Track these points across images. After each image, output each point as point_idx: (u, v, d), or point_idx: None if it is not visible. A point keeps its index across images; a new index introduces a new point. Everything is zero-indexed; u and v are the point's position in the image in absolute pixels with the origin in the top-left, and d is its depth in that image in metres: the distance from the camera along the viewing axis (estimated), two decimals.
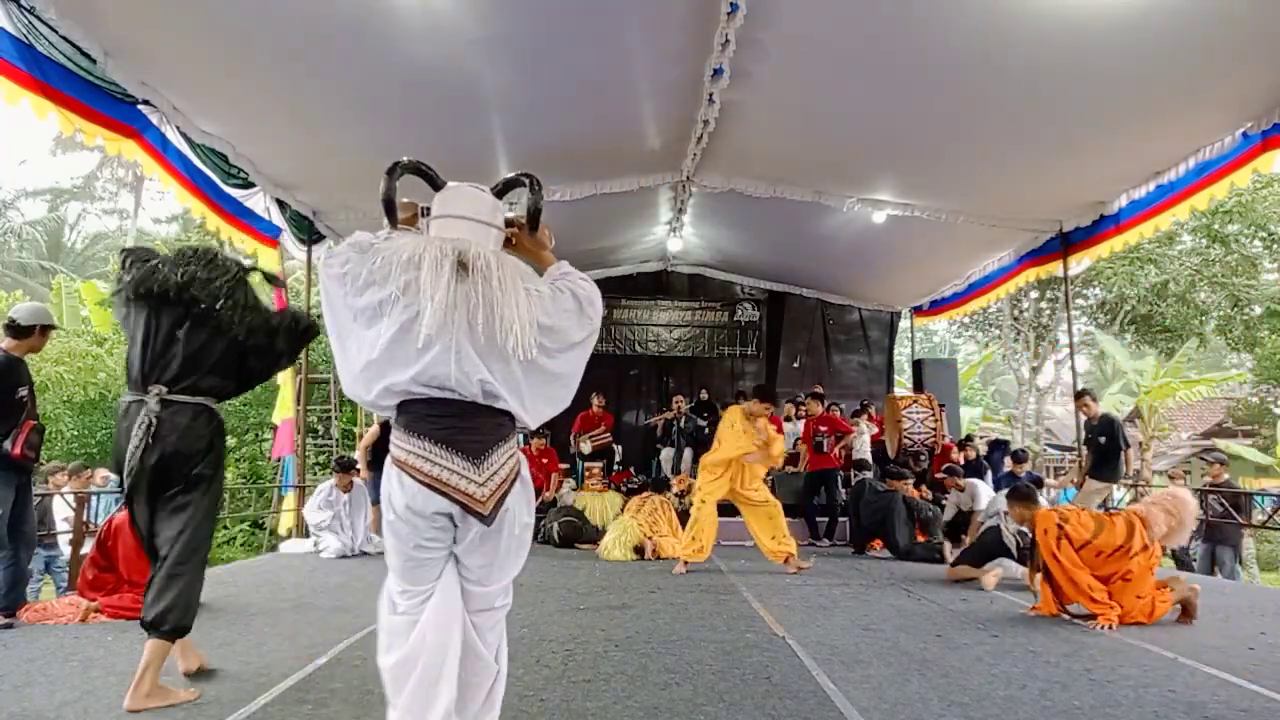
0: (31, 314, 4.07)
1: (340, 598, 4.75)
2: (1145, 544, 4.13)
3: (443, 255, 1.82)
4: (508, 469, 1.91)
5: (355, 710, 2.59)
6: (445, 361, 1.81)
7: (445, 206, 2.00)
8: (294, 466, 8.40)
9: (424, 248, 1.83)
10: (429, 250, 1.82)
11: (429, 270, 1.79)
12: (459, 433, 1.85)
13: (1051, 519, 4.30)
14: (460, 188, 2.03)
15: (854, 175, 7.62)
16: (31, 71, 4.34)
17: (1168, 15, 4.54)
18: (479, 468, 1.85)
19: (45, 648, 3.43)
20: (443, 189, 2.04)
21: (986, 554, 5.47)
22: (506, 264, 1.89)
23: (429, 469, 1.84)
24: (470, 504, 1.85)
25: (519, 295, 1.84)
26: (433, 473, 1.84)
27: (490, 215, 2.02)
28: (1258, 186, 14.71)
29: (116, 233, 29.29)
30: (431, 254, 1.82)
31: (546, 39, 5.30)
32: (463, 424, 1.86)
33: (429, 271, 1.79)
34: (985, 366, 24.01)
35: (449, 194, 2.02)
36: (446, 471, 1.84)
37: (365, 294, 1.83)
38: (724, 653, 3.42)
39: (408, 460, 1.86)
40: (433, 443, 1.84)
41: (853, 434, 9.04)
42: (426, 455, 1.84)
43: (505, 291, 1.82)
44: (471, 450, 1.85)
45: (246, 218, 7.03)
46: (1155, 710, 2.70)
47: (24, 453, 3.89)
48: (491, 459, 1.87)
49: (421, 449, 1.85)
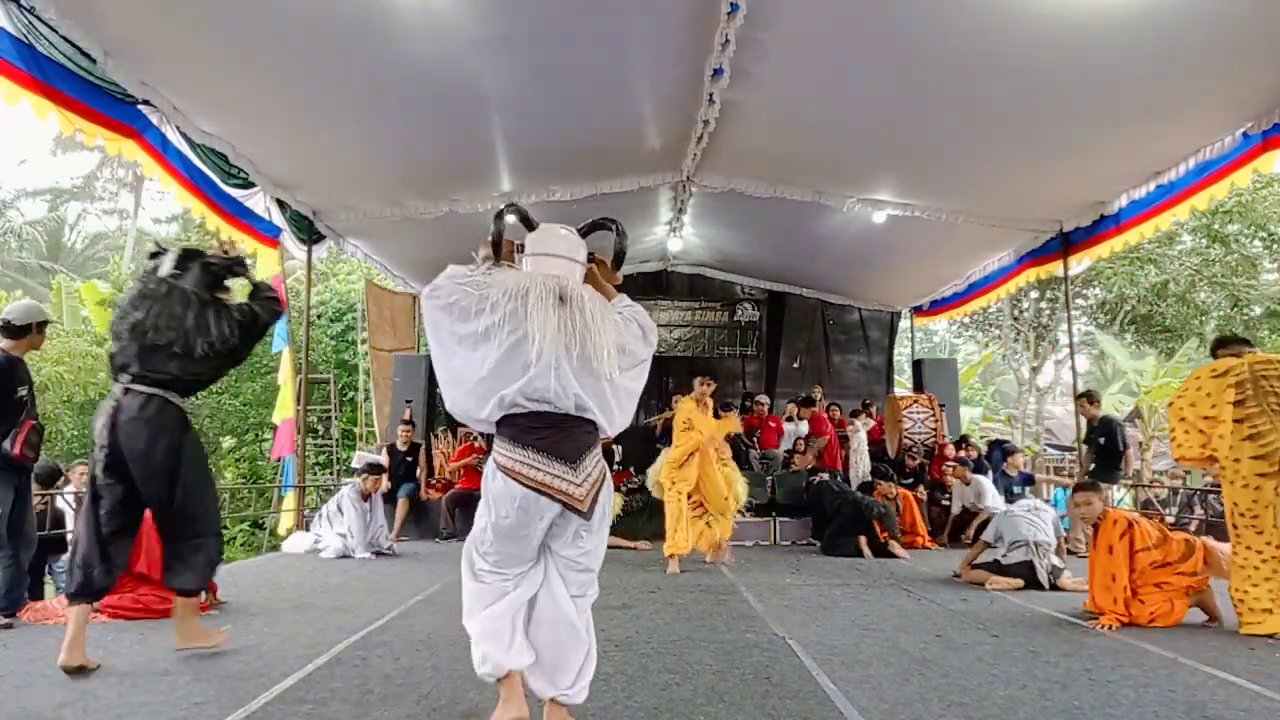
0: (25, 312, 4.06)
1: (340, 598, 4.74)
2: (1196, 571, 4.15)
3: (547, 290, 2.17)
4: (599, 470, 2.27)
5: (355, 710, 2.59)
6: (546, 377, 2.15)
7: (541, 245, 2.35)
8: (294, 466, 8.40)
9: (529, 283, 2.19)
10: (534, 285, 2.18)
11: (535, 302, 2.14)
12: (558, 442, 2.19)
13: (1125, 515, 4.34)
14: (553, 229, 2.39)
15: (854, 175, 7.61)
16: (31, 71, 4.34)
17: (1168, 15, 4.54)
18: (576, 470, 2.20)
19: (45, 648, 3.42)
20: (537, 229, 2.39)
21: (1015, 576, 5.31)
22: (596, 297, 2.26)
23: (535, 475, 2.17)
24: (571, 503, 2.19)
25: (608, 324, 2.21)
26: (538, 478, 2.17)
27: (578, 253, 2.38)
28: (1258, 186, 14.70)
29: (116, 233, 29.31)
30: (537, 289, 2.17)
31: (546, 39, 5.29)
32: (560, 434, 2.20)
33: (535, 303, 2.14)
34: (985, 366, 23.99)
35: (544, 234, 2.37)
36: (550, 476, 2.17)
37: (472, 321, 2.16)
38: (724, 653, 3.42)
39: (514, 468, 2.18)
40: (536, 452, 2.18)
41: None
42: (531, 463, 2.17)
43: (597, 321, 2.18)
44: (570, 456, 2.19)
45: (246, 218, 7.03)
46: (1155, 710, 2.70)
47: (23, 453, 3.89)
48: (585, 462, 2.22)
49: (527, 458, 2.18)
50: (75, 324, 14.92)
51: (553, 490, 2.16)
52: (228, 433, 14.93)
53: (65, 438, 13.25)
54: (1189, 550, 4.16)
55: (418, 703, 2.66)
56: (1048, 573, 5.24)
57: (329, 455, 13.87)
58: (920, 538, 7.91)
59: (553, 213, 8.06)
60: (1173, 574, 4.15)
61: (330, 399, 13.86)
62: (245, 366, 14.53)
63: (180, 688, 2.83)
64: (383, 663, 3.19)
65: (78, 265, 25.30)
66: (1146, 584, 4.17)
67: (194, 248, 3.52)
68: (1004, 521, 5.59)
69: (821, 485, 7.74)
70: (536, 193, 7.79)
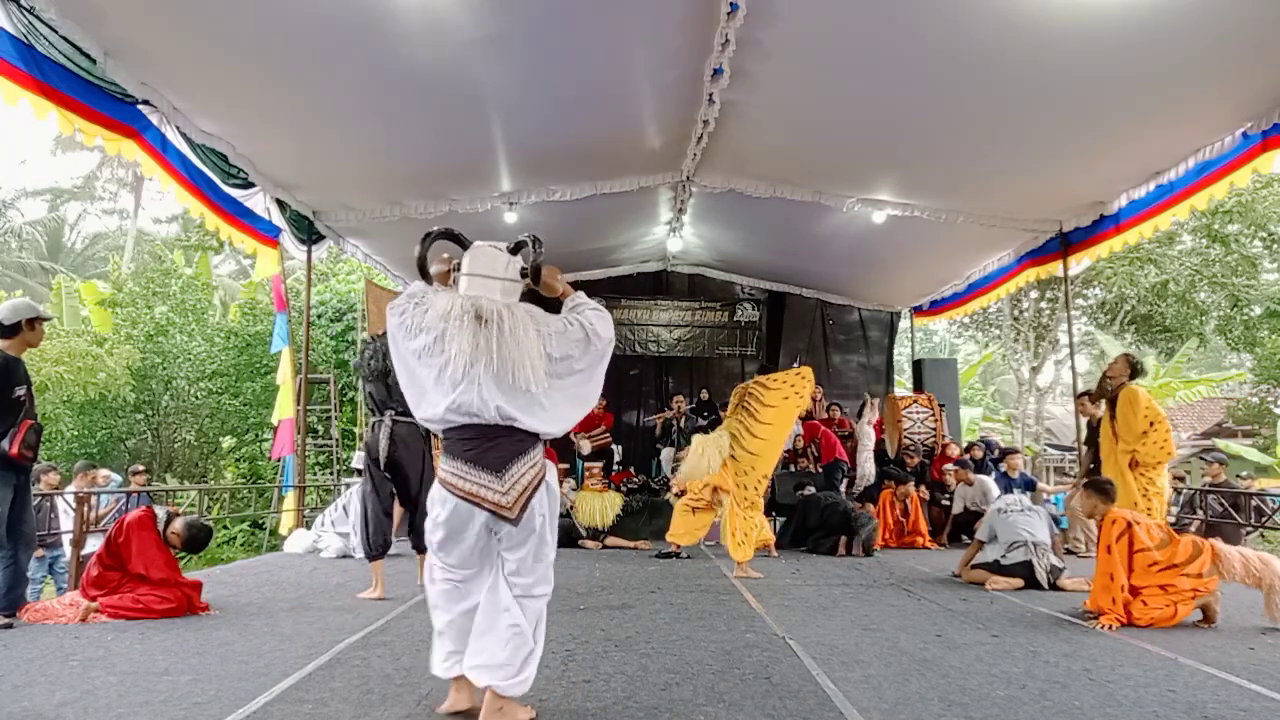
0: (13, 310, 4.00)
1: (340, 598, 4.74)
2: (1202, 573, 4.12)
3: (464, 311, 2.32)
4: (529, 478, 2.37)
5: (355, 710, 2.59)
6: (470, 393, 2.30)
7: (470, 265, 2.47)
8: (294, 466, 8.40)
9: (451, 304, 2.33)
10: (454, 306, 2.33)
11: (454, 324, 2.29)
12: (484, 453, 2.33)
13: (1125, 516, 4.32)
14: (481, 248, 2.49)
15: (854, 175, 7.61)
16: (31, 71, 4.34)
17: (1168, 15, 4.54)
18: (502, 479, 2.33)
19: (45, 648, 3.42)
20: (469, 248, 2.51)
21: (1015, 576, 5.30)
22: (517, 312, 2.36)
23: (463, 485, 2.33)
24: (498, 510, 2.33)
25: (528, 339, 2.31)
26: (465, 487, 2.33)
27: (505, 270, 2.47)
28: (1258, 186, 14.71)
29: (116, 233, 29.31)
30: (456, 309, 2.32)
31: (546, 39, 5.29)
32: (486, 444, 2.34)
33: (454, 325, 2.29)
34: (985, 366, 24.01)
35: (473, 253, 2.49)
36: (476, 485, 2.32)
37: (415, 339, 2.36)
38: (724, 653, 3.42)
39: (446, 478, 2.37)
40: (465, 462, 2.34)
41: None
42: (460, 473, 2.34)
43: (515, 338, 2.29)
44: (495, 465, 2.33)
45: (246, 218, 7.03)
46: (1155, 710, 2.70)
47: (21, 452, 3.88)
48: (512, 471, 2.34)
49: (457, 469, 2.35)
50: (75, 324, 14.89)
51: (479, 499, 2.32)
52: (228, 433, 14.92)
53: (65, 438, 13.22)
54: (1196, 552, 4.13)
55: (418, 703, 2.65)
56: (1047, 572, 5.23)
57: (329, 455, 13.85)
58: (921, 538, 7.92)
59: (553, 212, 8.13)
60: (1178, 576, 4.12)
61: (330, 399, 13.84)
62: (245, 367, 14.55)
63: (180, 688, 2.82)
64: (383, 663, 3.19)
65: (78, 265, 25.31)
66: (1150, 585, 4.14)
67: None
68: (997, 520, 5.57)
69: (809, 500, 7.76)
70: (536, 193, 7.79)
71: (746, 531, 5.96)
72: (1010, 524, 5.46)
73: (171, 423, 14.59)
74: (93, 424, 13.58)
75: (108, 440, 13.79)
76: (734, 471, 6.07)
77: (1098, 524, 4.42)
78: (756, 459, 6.01)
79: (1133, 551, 4.18)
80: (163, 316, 14.58)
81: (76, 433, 13.38)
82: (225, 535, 13.36)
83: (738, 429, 6.04)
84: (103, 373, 12.68)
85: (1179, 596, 4.11)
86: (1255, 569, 4.05)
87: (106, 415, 13.67)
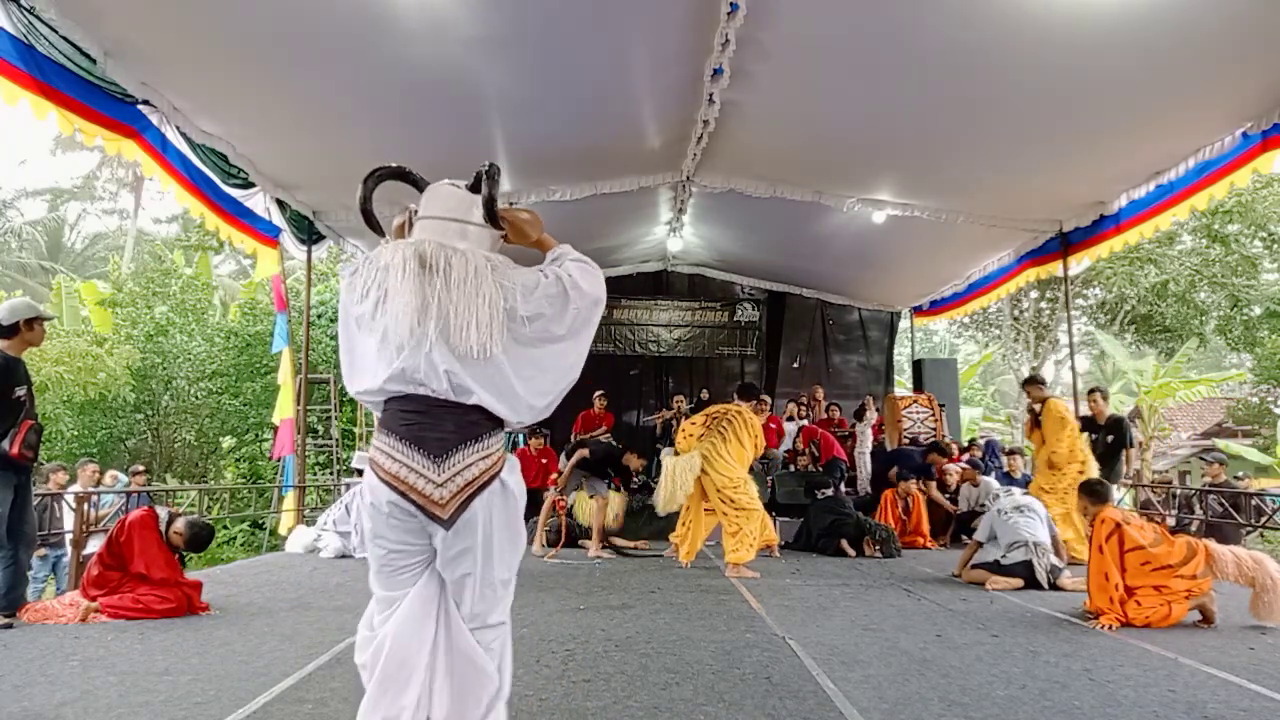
0: (10, 311, 3.99)
1: (340, 598, 4.74)
2: (1196, 574, 4.13)
3: (405, 258, 1.82)
4: (476, 471, 1.83)
5: (355, 710, 2.58)
6: (417, 356, 1.80)
7: (424, 208, 2.00)
8: (294, 466, 8.40)
9: (395, 252, 1.84)
10: (396, 254, 1.83)
11: (394, 275, 1.81)
12: (424, 429, 1.82)
13: (1114, 516, 4.34)
14: (437, 188, 2.01)
15: (854, 175, 7.62)
16: (31, 71, 4.34)
17: (1168, 15, 4.55)
18: (439, 467, 1.80)
19: (45, 648, 3.43)
20: (425, 190, 2.03)
21: (1014, 576, 5.30)
22: (471, 259, 1.85)
23: (390, 466, 1.82)
24: (427, 505, 1.80)
25: (482, 291, 1.81)
26: (392, 469, 1.82)
27: (464, 212, 1.97)
28: (1258, 186, 14.72)
29: (116, 233, 29.33)
30: (396, 260, 1.82)
31: (546, 39, 5.29)
32: (429, 421, 1.83)
33: (394, 277, 1.81)
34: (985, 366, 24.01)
35: (427, 195, 2.02)
36: (405, 469, 1.81)
37: (362, 303, 1.86)
38: (724, 653, 3.42)
39: (375, 457, 1.85)
40: (398, 439, 1.83)
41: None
42: (390, 452, 1.83)
43: (465, 289, 1.80)
44: (433, 449, 1.81)
45: (246, 218, 7.04)
46: (1155, 710, 2.70)
47: (22, 452, 3.88)
48: (454, 459, 1.81)
49: (388, 445, 1.84)
50: (75, 324, 14.88)
51: (403, 486, 1.80)
52: (228, 433, 14.91)
53: (65, 438, 13.22)
54: (1191, 554, 4.14)
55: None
56: (1047, 572, 5.23)
57: (329, 455, 13.84)
58: (922, 538, 7.92)
59: (553, 212, 8.12)
60: (1172, 577, 4.13)
61: (330, 399, 13.84)
62: (245, 367, 14.54)
63: (180, 688, 2.83)
64: None
65: (78, 265, 25.30)
66: (1144, 585, 4.16)
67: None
68: (996, 520, 5.58)
69: (823, 502, 7.74)
70: (536, 193, 7.80)
71: (751, 532, 5.97)
72: (1010, 524, 5.46)
73: (171, 423, 14.59)
74: (93, 424, 13.58)
75: (108, 440, 13.78)
76: (713, 487, 6.04)
77: (1089, 524, 4.45)
78: (731, 472, 6.06)
79: (1124, 551, 4.19)
80: (163, 316, 14.58)
81: (76, 433, 13.37)
82: (225, 535, 13.34)
83: (709, 451, 6.04)
84: (103, 373, 12.67)
85: (1173, 596, 4.12)
86: (1248, 568, 4.07)
87: (106, 415, 13.67)
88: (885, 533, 7.15)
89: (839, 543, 7.11)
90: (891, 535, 7.16)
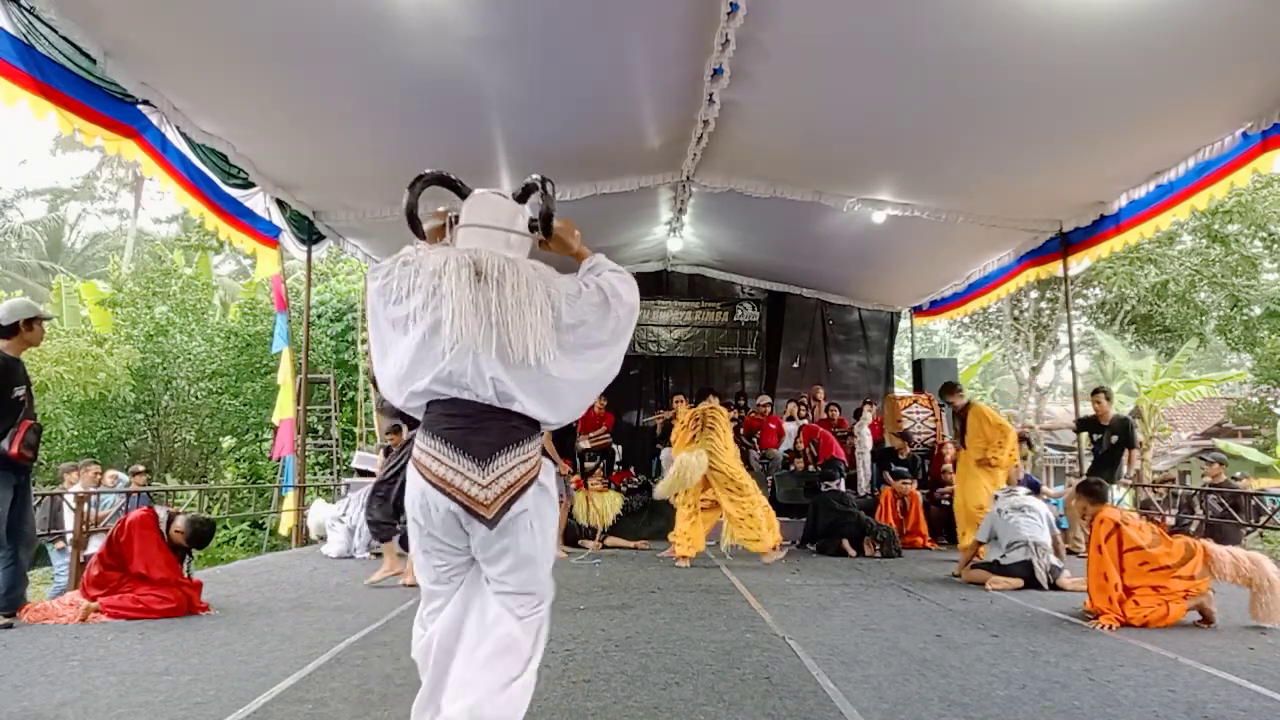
0: (10, 311, 3.99)
1: (340, 598, 4.74)
2: (1194, 575, 4.13)
3: (460, 265, 1.90)
4: (519, 473, 1.94)
5: (355, 710, 2.59)
6: (462, 361, 1.88)
7: (469, 215, 2.07)
8: (294, 466, 8.40)
9: (446, 259, 1.92)
10: (448, 261, 1.91)
11: (448, 280, 1.88)
12: (469, 434, 1.92)
13: (1113, 516, 4.34)
14: (483, 196, 2.09)
15: (854, 175, 7.61)
16: (31, 71, 4.34)
17: (1168, 15, 4.54)
18: (484, 470, 1.90)
19: (45, 648, 3.43)
20: (468, 196, 2.11)
21: (1015, 576, 5.31)
22: (523, 269, 1.94)
23: (437, 469, 1.92)
24: (472, 505, 1.90)
25: (534, 300, 1.90)
26: (439, 472, 1.91)
27: (510, 221, 2.07)
28: (1258, 186, 14.71)
29: (116, 233, 29.32)
30: (451, 264, 1.90)
31: (546, 39, 5.29)
32: (474, 426, 1.92)
33: (448, 281, 1.88)
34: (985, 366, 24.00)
35: (472, 202, 2.09)
36: (450, 471, 1.91)
37: (403, 303, 1.93)
38: (724, 653, 3.42)
39: (420, 459, 1.95)
40: (444, 443, 1.92)
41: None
42: (437, 455, 1.92)
43: (518, 298, 1.89)
44: (479, 452, 1.91)
45: (246, 218, 7.03)
46: (1155, 710, 2.70)
47: (21, 452, 3.88)
48: (498, 462, 1.91)
49: (434, 449, 1.93)
50: (75, 324, 14.87)
51: (450, 488, 1.90)
52: (228, 433, 14.92)
53: (65, 438, 13.22)
54: (1189, 554, 4.15)
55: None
56: (1047, 572, 5.23)
57: (329, 455, 13.85)
58: (921, 538, 7.92)
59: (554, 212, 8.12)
60: (1170, 577, 4.13)
61: (330, 399, 13.85)
62: (245, 367, 14.55)
63: (180, 688, 2.83)
64: (383, 663, 3.19)
65: (78, 265, 25.29)
66: (1142, 586, 4.16)
67: None
68: (997, 520, 5.58)
69: (826, 496, 7.74)
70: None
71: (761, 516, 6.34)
72: (1010, 524, 5.46)
73: (171, 423, 14.59)
74: (93, 424, 13.58)
75: (108, 440, 13.79)
76: (721, 484, 6.44)
77: (1087, 524, 4.45)
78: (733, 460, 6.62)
79: (1122, 551, 4.20)
80: (163, 316, 14.58)
81: (76, 433, 13.38)
82: (225, 535, 13.36)
83: (710, 447, 6.50)
84: (103, 373, 12.68)
85: (1171, 596, 4.13)
86: (1246, 569, 4.08)
87: (106, 415, 13.67)
88: (886, 533, 7.15)
89: (840, 542, 7.12)
90: (892, 535, 7.16)
